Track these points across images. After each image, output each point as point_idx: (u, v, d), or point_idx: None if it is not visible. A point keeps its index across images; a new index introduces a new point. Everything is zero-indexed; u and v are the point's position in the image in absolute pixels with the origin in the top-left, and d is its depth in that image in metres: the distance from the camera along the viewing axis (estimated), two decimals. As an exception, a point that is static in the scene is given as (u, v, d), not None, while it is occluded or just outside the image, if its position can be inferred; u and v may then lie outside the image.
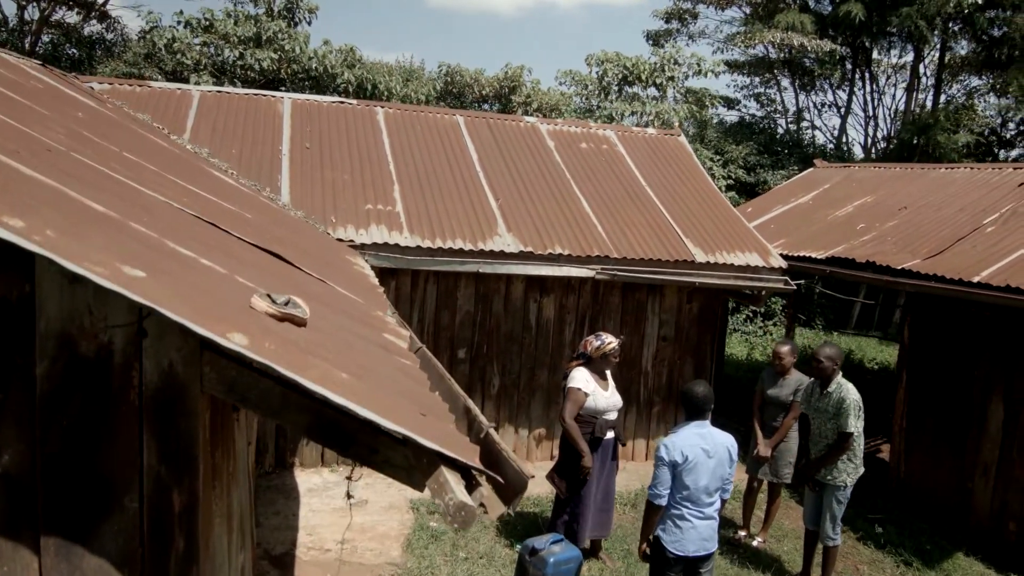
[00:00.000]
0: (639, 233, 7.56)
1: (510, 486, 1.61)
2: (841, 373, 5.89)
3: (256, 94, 8.41)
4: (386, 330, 2.83)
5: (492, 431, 1.91)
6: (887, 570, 6.55)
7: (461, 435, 1.82)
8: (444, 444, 1.63)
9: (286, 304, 2.08)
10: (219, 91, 8.24)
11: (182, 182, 3.88)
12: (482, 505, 1.51)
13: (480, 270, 6.67)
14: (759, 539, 6.77)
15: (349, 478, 6.84)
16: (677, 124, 13.66)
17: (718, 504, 4.70)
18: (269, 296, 2.01)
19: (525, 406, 7.75)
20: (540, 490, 6.72)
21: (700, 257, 7.42)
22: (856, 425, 5.64)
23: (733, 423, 9.51)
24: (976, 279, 6.69)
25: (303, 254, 3.62)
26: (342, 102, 8.74)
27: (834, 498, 5.81)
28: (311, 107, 8.50)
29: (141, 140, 4.86)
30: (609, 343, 5.58)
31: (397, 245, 6.44)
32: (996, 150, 17.63)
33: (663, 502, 4.57)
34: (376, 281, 4.13)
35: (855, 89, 19.81)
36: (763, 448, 6.39)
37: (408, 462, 1.67)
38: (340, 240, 6.20)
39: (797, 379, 6.39)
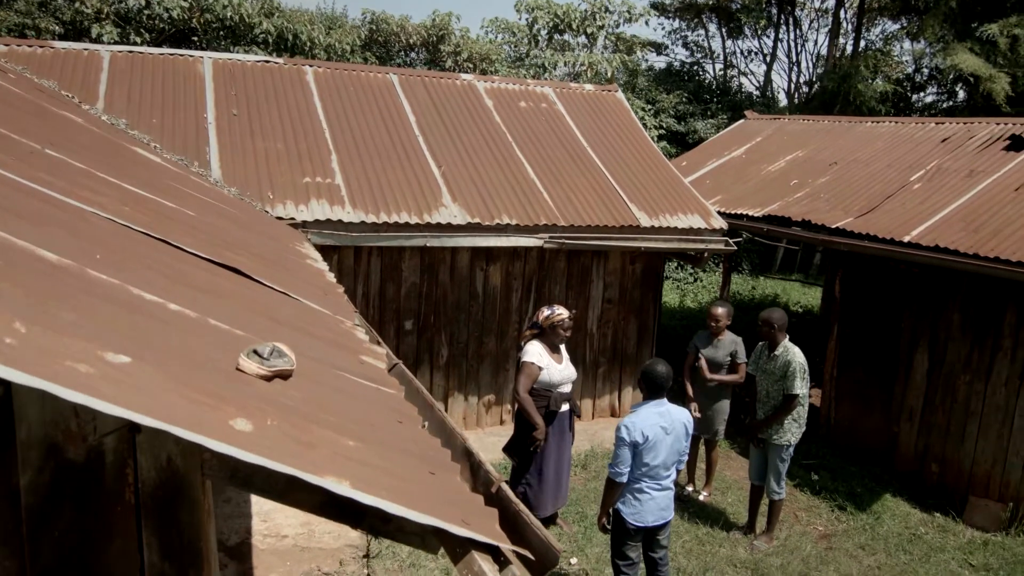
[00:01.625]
0: (585, 199, 7.51)
1: (539, 561, 1.56)
2: (788, 337, 6.08)
3: (173, 54, 7.80)
4: (362, 351, 2.70)
5: (504, 486, 1.84)
6: (823, 515, 6.95)
7: (477, 499, 1.75)
8: (469, 517, 1.56)
9: (271, 354, 1.93)
10: (131, 51, 7.60)
11: (114, 179, 3.57)
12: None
13: (428, 244, 6.51)
14: (704, 493, 7.05)
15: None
16: (610, 75, 13.53)
17: (674, 475, 4.85)
18: (256, 352, 1.86)
19: (474, 374, 7.73)
20: (495, 456, 6.76)
21: (645, 222, 7.45)
22: (801, 387, 5.87)
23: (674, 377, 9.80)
24: (907, 239, 6.97)
25: (259, 260, 3.40)
26: (267, 61, 8.23)
27: (778, 456, 6.08)
28: (234, 67, 7.97)
29: (58, 124, 4.44)
30: (559, 314, 5.57)
31: (340, 221, 6.18)
32: (910, 95, 18.28)
33: (624, 480, 4.67)
34: (332, 277, 3.94)
35: (780, 35, 20.08)
36: (695, 410, 6.53)
37: (422, 529, 1.60)
38: (280, 218, 5.91)
39: (731, 339, 6.57)
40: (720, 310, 6.53)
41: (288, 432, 1.59)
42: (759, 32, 20.84)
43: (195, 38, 12.88)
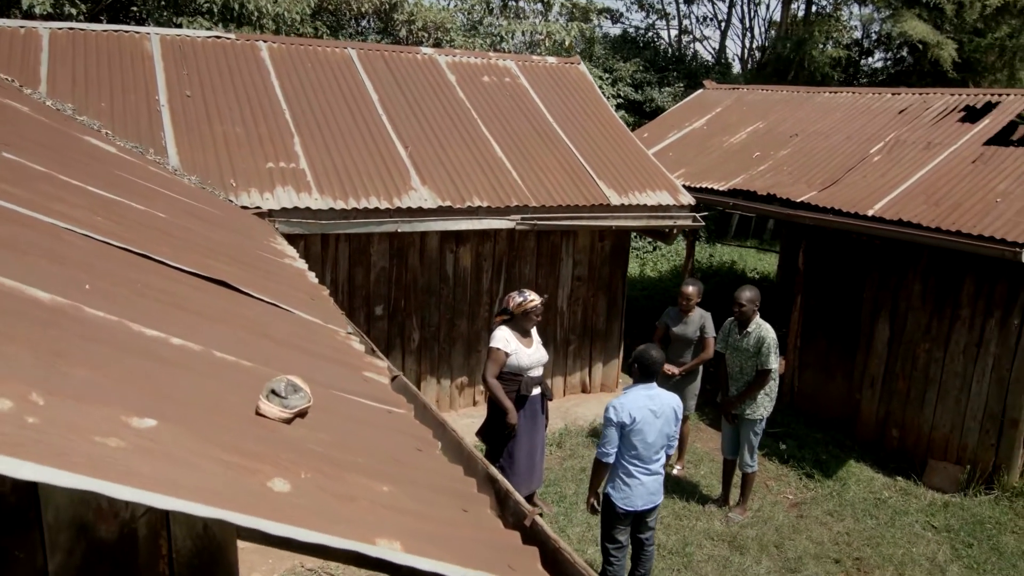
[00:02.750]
0: (554, 178, 7.43)
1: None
2: (759, 313, 6.17)
3: (118, 31, 7.38)
4: (363, 366, 2.61)
5: (539, 519, 1.80)
6: (792, 483, 7.16)
7: (514, 536, 1.70)
8: (513, 560, 1.52)
9: (287, 391, 1.84)
10: (72, 28, 7.16)
11: (78, 181, 3.37)
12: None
13: (399, 229, 6.36)
14: (678, 467, 7.17)
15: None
16: (568, 44, 13.36)
17: (663, 459, 4.91)
18: (273, 392, 1.77)
19: (446, 357, 7.67)
20: (469, 438, 6.74)
21: (615, 200, 7.42)
22: (775, 362, 5.99)
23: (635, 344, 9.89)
24: (870, 212, 7.10)
25: (240, 265, 3.26)
26: (219, 37, 7.85)
27: (752, 430, 6.21)
28: (184, 44, 7.58)
29: (4, 116, 4.16)
30: (531, 300, 5.49)
31: (308, 209, 5.99)
32: (859, 60, 18.55)
33: (611, 460, 4.71)
34: (314, 277, 3.81)
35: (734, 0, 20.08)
36: (671, 367, 6.53)
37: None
38: (245, 207, 5.69)
39: (700, 315, 6.64)
40: (691, 289, 6.58)
41: (324, 486, 1.52)
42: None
43: (135, 8, 12.22)
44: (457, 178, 6.94)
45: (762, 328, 6.02)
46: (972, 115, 8.24)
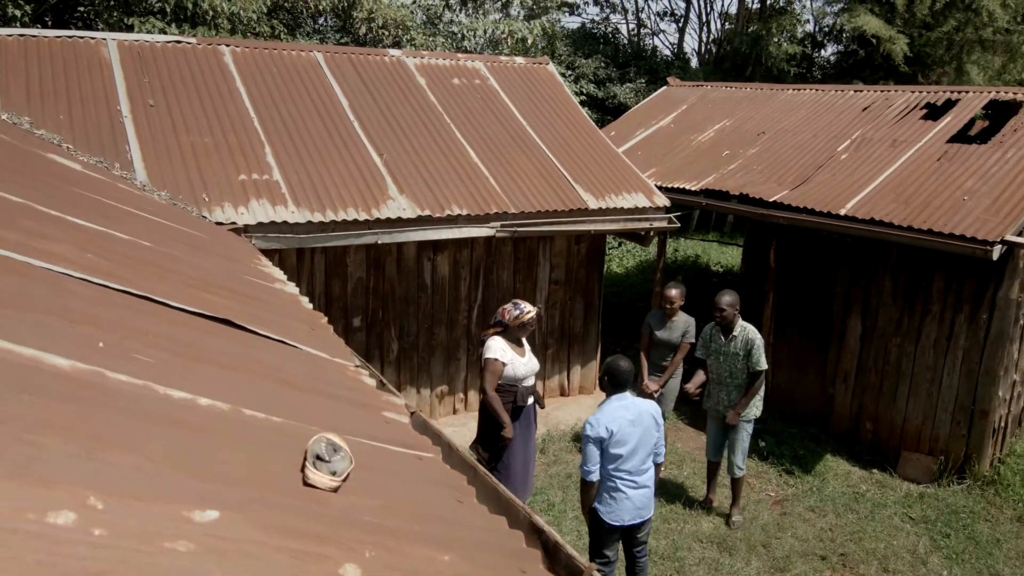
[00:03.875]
0: (531, 183, 7.37)
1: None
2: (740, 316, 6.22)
3: (72, 36, 7.05)
4: (382, 405, 2.51)
5: (596, 573, 1.75)
6: (773, 480, 7.26)
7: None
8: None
9: (329, 452, 1.76)
10: (23, 35, 6.81)
11: (56, 211, 3.19)
12: None
13: (379, 241, 6.22)
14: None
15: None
16: (531, 41, 13.28)
17: (651, 472, 4.86)
18: (319, 458, 1.69)
19: (426, 365, 7.56)
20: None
21: (592, 204, 7.40)
22: (765, 362, 6.05)
23: (612, 345, 9.93)
24: (843, 211, 7.21)
25: (236, 297, 3.12)
26: (179, 41, 7.57)
27: (744, 431, 6.25)
28: (143, 49, 7.29)
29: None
30: (527, 312, 5.47)
31: (285, 223, 5.81)
32: (812, 53, 18.88)
33: (595, 478, 4.65)
34: (307, 303, 3.68)
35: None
36: (652, 384, 6.63)
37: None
38: (220, 224, 5.49)
39: (684, 320, 6.66)
40: (674, 292, 6.59)
41: (390, 563, 1.46)
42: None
43: (82, 7, 11.72)
44: (435, 186, 6.82)
45: (748, 330, 6.06)
46: (933, 112, 8.44)
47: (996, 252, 6.07)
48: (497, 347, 5.44)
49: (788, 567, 5.86)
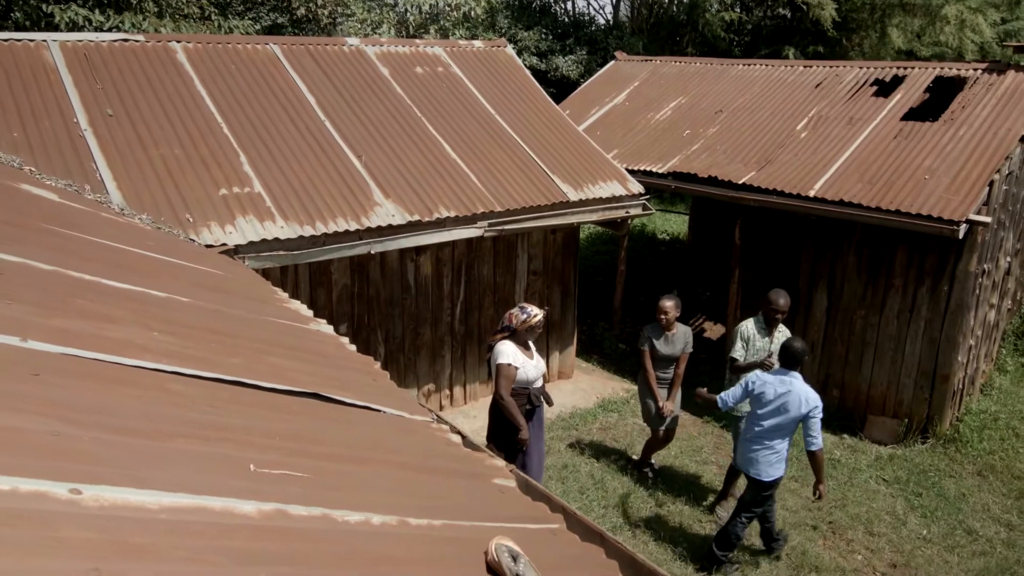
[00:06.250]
0: (511, 178, 7.32)
1: None
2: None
3: (8, 40, 6.49)
4: (490, 472, 2.50)
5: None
6: (753, 453, 7.59)
7: None
8: None
9: (515, 562, 1.76)
10: (-45, 41, 6.23)
11: (90, 275, 3.01)
12: None
13: (372, 251, 6.08)
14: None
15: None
16: (476, 14, 13.01)
17: (787, 443, 5.63)
18: (516, 576, 1.69)
19: (412, 366, 7.51)
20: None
21: (572, 195, 7.42)
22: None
23: (584, 325, 10.05)
24: (811, 193, 7.48)
25: (296, 355, 3.02)
26: (126, 40, 7.08)
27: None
28: (89, 50, 6.78)
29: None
30: (535, 315, 5.50)
31: (276, 239, 5.59)
32: (746, 21, 19.15)
33: (722, 407, 5.65)
34: (348, 343, 3.59)
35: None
36: (668, 405, 6.51)
37: None
38: (210, 246, 5.25)
39: (684, 332, 6.50)
40: (669, 303, 6.37)
41: None
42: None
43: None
44: (419, 188, 6.69)
45: (783, 330, 6.35)
46: (883, 88, 8.78)
47: (962, 231, 6.43)
48: (509, 351, 5.46)
49: (786, 539, 6.19)
